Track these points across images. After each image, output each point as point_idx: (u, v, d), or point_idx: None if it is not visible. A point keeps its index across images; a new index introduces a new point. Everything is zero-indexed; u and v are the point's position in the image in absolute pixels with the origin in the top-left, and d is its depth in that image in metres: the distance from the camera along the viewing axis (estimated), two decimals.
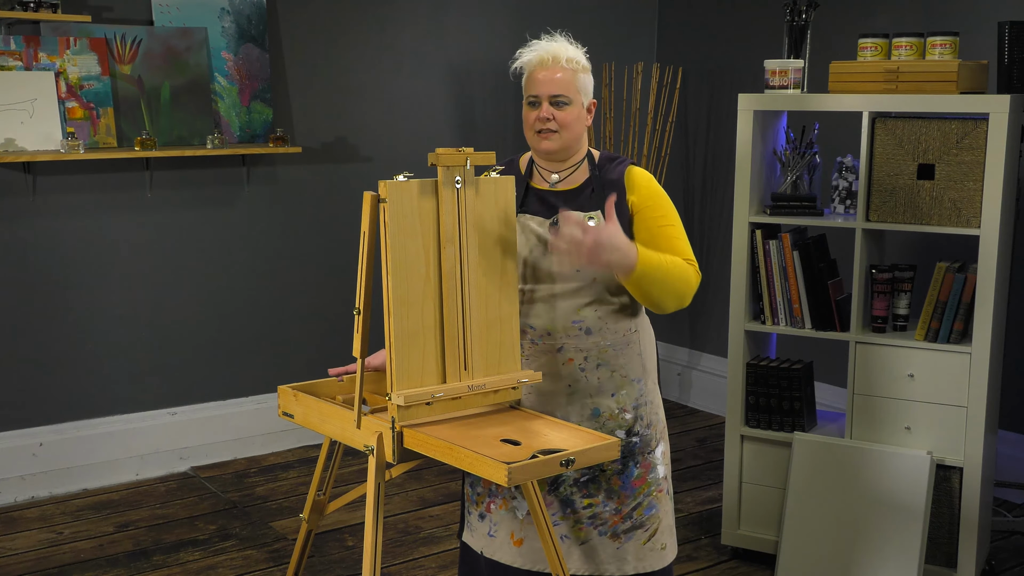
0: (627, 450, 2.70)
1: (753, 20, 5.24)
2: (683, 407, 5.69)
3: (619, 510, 2.71)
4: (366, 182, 4.92)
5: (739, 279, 3.75)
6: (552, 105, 2.61)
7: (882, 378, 3.58)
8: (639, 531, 2.73)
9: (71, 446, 4.49)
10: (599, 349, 2.66)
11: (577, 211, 2.59)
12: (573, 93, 2.61)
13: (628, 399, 2.70)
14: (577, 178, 2.70)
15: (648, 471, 2.74)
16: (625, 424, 2.70)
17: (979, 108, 3.35)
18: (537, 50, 2.65)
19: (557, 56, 2.62)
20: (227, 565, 3.84)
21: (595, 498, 2.70)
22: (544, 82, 2.61)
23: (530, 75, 2.64)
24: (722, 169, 5.47)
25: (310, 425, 2.71)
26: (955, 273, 3.49)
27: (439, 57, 5.17)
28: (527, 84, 2.65)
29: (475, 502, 2.79)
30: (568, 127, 2.62)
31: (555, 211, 2.66)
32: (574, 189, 2.69)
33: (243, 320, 4.86)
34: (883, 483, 3.53)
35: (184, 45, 4.48)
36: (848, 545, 3.56)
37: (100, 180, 4.45)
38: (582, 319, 2.64)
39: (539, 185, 2.71)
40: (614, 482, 2.70)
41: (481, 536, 2.77)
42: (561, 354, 2.66)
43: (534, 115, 2.63)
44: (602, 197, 2.63)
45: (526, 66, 2.66)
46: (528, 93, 2.64)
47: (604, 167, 2.71)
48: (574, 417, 2.67)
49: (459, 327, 2.48)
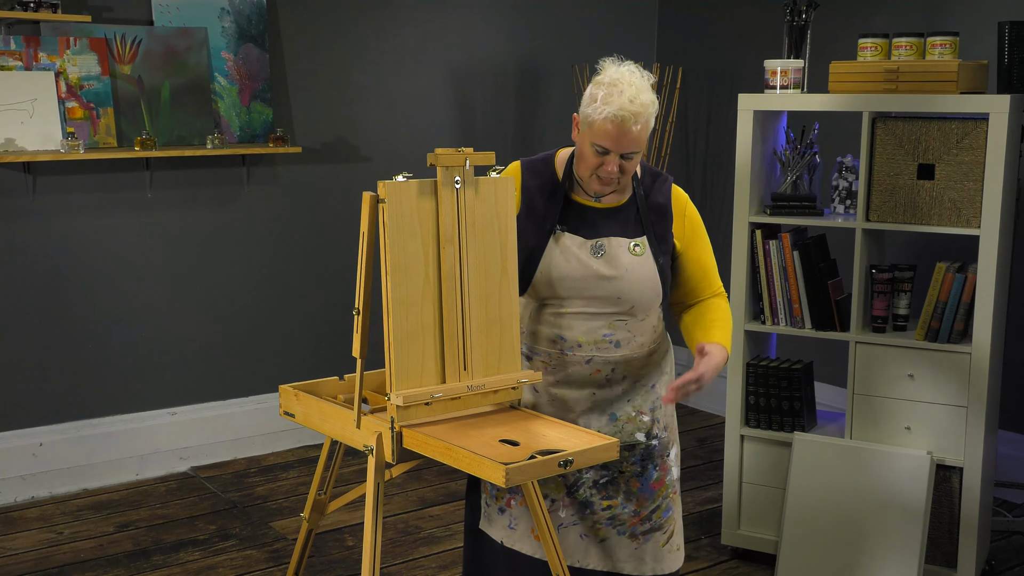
0: (646, 453, 2.71)
1: (753, 20, 5.24)
2: (683, 407, 5.69)
3: (638, 512, 2.71)
4: (366, 182, 4.92)
5: (739, 279, 3.74)
6: (621, 158, 2.48)
7: (882, 378, 3.58)
8: (657, 533, 2.75)
9: (71, 446, 4.49)
10: (626, 361, 2.66)
11: (622, 236, 2.58)
12: (643, 144, 2.48)
13: (644, 403, 2.70)
14: (620, 194, 2.63)
15: (666, 474, 2.75)
16: (644, 427, 2.70)
17: (979, 108, 3.35)
18: (622, 109, 2.42)
19: (638, 116, 2.43)
20: (227, 565, 3.84)
21: (614, 500, 2.70)
22: (620, 141, 2.45)
23: (603, 126, 2.44)
24: (722, 169, 5.47)
25: (311, 424, 2.71)
26: (955, 273, 3.49)
27: (439, 57, 5.17)
28: (599, 130, 2.45)
29: (495, 496, 2.78)
30: (629, 174, 2.53)
31: (596, 231, 2.59)
32: (618, 207, 2.62)
33: (243, 320, 4.86)
34: (883, 483, 3.53)
35: (184, 45, 4.48)
36: (848, 545, 3.56)
37: (100, 180, 4.45)
38: (612, 332, 2.63)
39: (580, 199, 2.63)
40: (633, 484, 2.70)
41: (501, 528, 2.77)
42: (589, 365, 2.65)
43: (598, 162, 2.49)
44: (648, 222, 2.61)
45: (605, 117, 2.43)
46: (597, 141, 2.46)
47: (647, 186, 2.65)
48: (594, 424, 2.67)
49: (458, 327, 2.48)
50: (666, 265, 2.64)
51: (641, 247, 2.60)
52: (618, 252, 2.59)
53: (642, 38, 5.76)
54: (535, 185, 2.65)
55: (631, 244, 2.59)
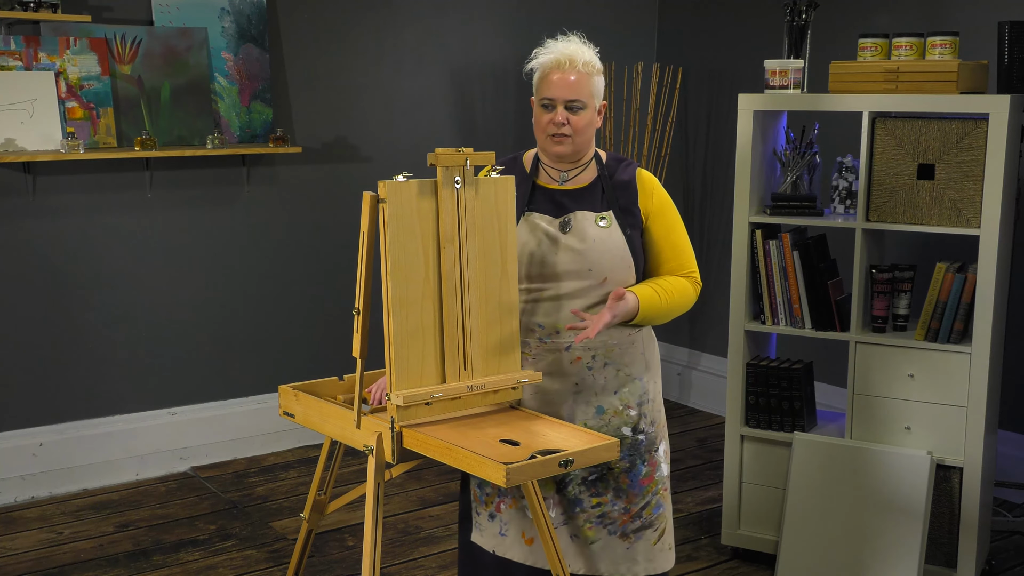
0: (634, 448, 2.71)
1: (753, 20, 5.24)
2: (683, 407, 5.69)
3: (628, 509, 2.72)
4: (366, 182, 4.92)
5: (739, 279, 3.74)
6: (566, 109, 2.61)
7: (882, 378, 3.58)
8: (648, 531, 2.75)
9: (71, 446, 4.49)
10: (606, 348, 2.67)
11: (589, 211, 2.65)
12: (587, 97, 2.61)
13: (632, 396, 2.71)
14: (585, 177, 2.72)
15: (655, 469, 2.76)
16: (631, 421, 2.71)
17: (979, 108, 3.35)
18: (553, 52, 2.63)
19: (574, 59, 2.61)
20: (227, 565, 3.84)
21: (603, 497, 2.71)
22: (559, 86, 2.60)
23: (545, 77, 2.63)
24: (722, 169, 5.47)
25: (310, 425, 2.71)
26: (955, 273, 3.49)
27: (439, 57, 5.17)
28: (541, 86, 2.64)
29: (484, 502, 2.78)
30: (581, 131, 2.63)
31: (564, 210, 2.67)
32: (583, 188, 2.70)
33: (243, 320, 4.86)
34: (883, 483, 3.53)
35: (184, 45, 4.48)
36: (848, 545, 3.56)
37: (100, 180, 4.45)
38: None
39: (546, 184, 2.72)
40: (622, 480, 2.71)
41: (492, 535, 2.77)
42: (568, 353, 2.66)
43: (547, 118, 2.63)
44: (613, 198, 2.68)
45: (541, 67, 2.64)
46: (542, 95, 2.63)
47: (612, 168, 2.73)
48: (579, 416, 2.67)
49: (458, 327, 2.48)
50: (635, 237, 2.69)
51: (608, 220, 2.67)
52: (584, 225, 2.66)
53: (642, 38, 5.76)
54: None
55: (597, 217, 2.67)
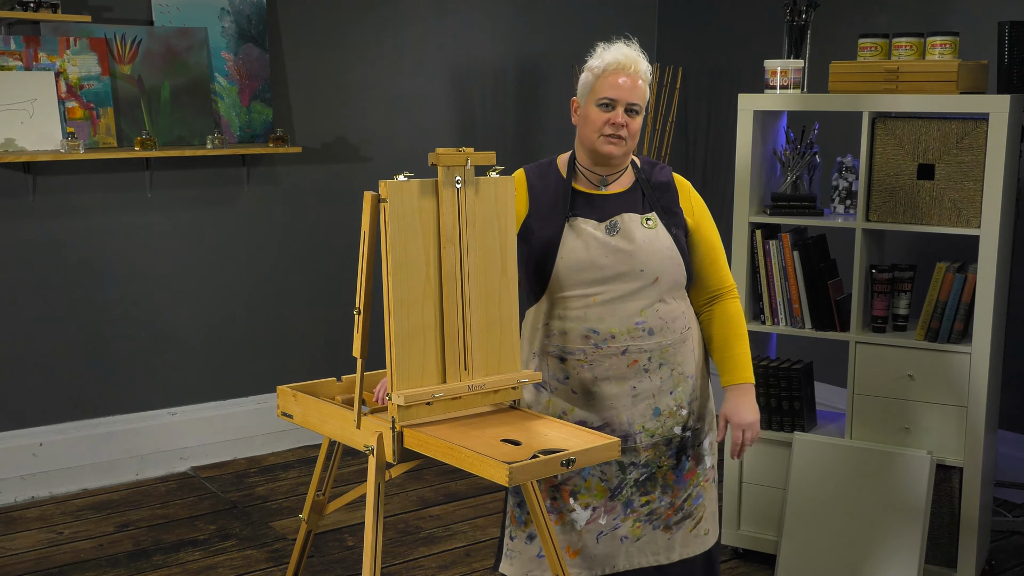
0: (679, 445, 2.74)
1: (753, 20, 5.24)
2: None
3: (673, 503, 2.75)
4: (366, 182, 4.92)
5: (739, 279, 3.74)
6: (626, 112, 2.60)
7: (882, 378, 3.58)
8: (688, 520, 2.78)
9: (71, 446, 4.49)
10: (661, 348, 2.68)
11: (632, 212, 2.67)
12: (643, 103, 2.63)
13: (684, 395, 2.73)
14: (624, 181, 2.72)
15: (697, 463, 2.78)
16: (681, 420, 2.73)
17: (979, 108, 3.35)
18: (618, 55, 2.61)
19: (638, 64, 2.61)
20: (227, 565, 3.84)
21: (652, 495, 2.73)
22: (625, 88, 2.59)
23: (607, 77, 2.60)
24: (722, 169, 5.47)
25: (309, 425, 2.71)
26: (955, 273, 3.49)
27: (439, 57, 5.17)
28: (601, 85, 2.61)
29: (523, 523, 2.76)
30: (634, 135, 2.64)
31: (608, 213, 2.67)
32: (624, 192, 2.71)
33: (243, 320, 4.86)
34: (883, 483, 3.53)
35: (184, 45, 4.48)
36: (848, 545, 3.56)
37: (100, 180, 4.45)
38: (644, 319, 2.65)
39: (585, 188, 2.71)
40: (668, 477, 2.74)
41: (527, 559, 2.76)
42: (626, 356, 2.66)
43: (605, 118, 2.61)
44: (654, 199, 2.70)
45: (605, 68, 2.61)
46: (602, 95, 2.60)
47: (647, 171, 2.75)
48: (638, 419, 2.68)
49: (459, 327, 2.48)
50: (680, 237, 2.70)
51: (653, 221, 2.68)
52: (632, 227, 2.65)
53: (642, 38, 5.74)
54: (542, 185, 2.72)
55: (643, 218, 2.67)
